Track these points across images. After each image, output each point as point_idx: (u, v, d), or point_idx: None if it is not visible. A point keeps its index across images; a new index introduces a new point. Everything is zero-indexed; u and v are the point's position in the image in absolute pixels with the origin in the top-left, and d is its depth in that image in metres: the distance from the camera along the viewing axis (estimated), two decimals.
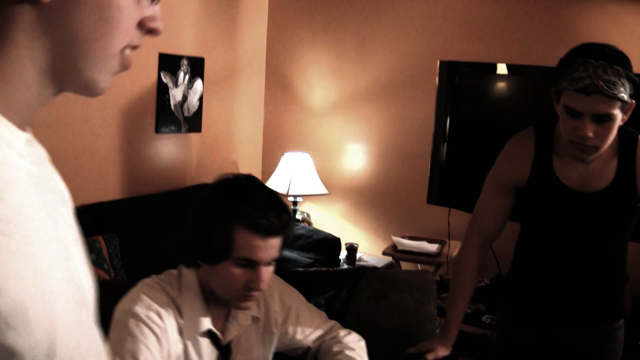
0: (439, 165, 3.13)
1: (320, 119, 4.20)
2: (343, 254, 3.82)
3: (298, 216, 4.06)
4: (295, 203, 3.94)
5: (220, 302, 1.41)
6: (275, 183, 3.86)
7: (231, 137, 4.17)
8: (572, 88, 1.54)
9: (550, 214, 1.77)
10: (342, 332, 1.66)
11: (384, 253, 3.54)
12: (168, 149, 3.68)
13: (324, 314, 1.69)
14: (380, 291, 2.37)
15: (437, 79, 3.10)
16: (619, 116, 1.56)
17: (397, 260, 3.55)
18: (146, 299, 1.33)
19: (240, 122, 4.23)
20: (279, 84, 4.35)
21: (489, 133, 2.97)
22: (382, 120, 3.96)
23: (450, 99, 3.04)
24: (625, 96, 1.52)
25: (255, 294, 1.38)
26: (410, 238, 3.64)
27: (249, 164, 4.26)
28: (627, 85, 1.52)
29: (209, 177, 3.73)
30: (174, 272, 1.44)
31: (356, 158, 4.10)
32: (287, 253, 3.56)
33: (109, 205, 3.17)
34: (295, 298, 1.64)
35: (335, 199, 4.17)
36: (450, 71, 3.00)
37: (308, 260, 3.43)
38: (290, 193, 3.82)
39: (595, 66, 1.50)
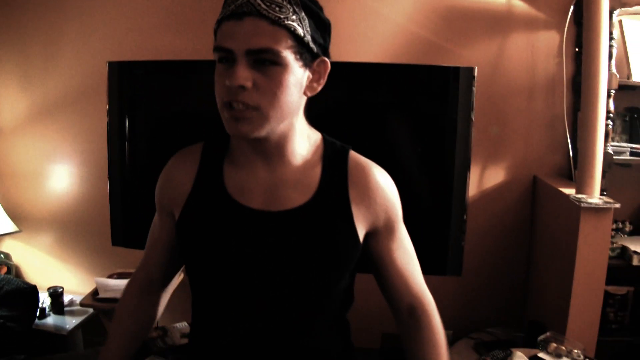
0: (119, 185, 2.58)
1: (13, 140, 3.52)
2: (47, 302, 3.25)
3: None
4: None
5: None
6: None
7: None
8: (222, 17, 1.13)
9: (216, 246, 1.25)
10: None
11: (82, 304, 2.97)
12: None
13: None
14: None
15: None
16: (292, 65, 1.13)
17: (100, 311, 2.98)
18: None
19: None
20: None
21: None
22: (83, 133, 3.39)
23: (128, 102, 2.51)
24: (298, 28, 1.12)
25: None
26: (122, 275, 3.13)
27: None
28: (306, 20, 1.14)
29: None
30: None
31: (60, 182, 3.50)
32: None
33: None
34: None
35: (40, 232, 3.56)
36: (123, 72, 2.49)
37: None
38: None
39: None
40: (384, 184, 1.30)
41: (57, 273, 3.57)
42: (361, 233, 1.28)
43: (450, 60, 2.89)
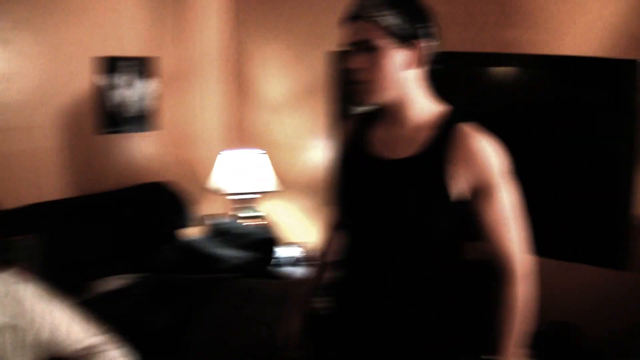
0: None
1: (278, 115, 4.21)
2: (288, 252, 3.87)
3: (252, 214, 4.12)
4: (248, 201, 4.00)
5: None
6: (225, 180, 3.94)
7: (190, 135, 4.22)
8: (343, 21, 1.56)
9: (351, 185, 1.70)
10: (109, 347, 1.73)
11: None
12: (120, 148, 3.75)
13: (94, 328, 1.75)
14: (236, 303, 2.39)
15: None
16: (387, 48, 1.51)
17: None
18: None
19: (200, 119, 4.28)
20: (239, 80, 4.36)
21: None
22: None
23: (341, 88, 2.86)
24: (392, 23, 1.49)
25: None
26: None
27: (209, 161, 4.32)
28: (400, 17, 1.50)
29: (167, 175, 3.91)
30: None
31: (315, 153, 4.06)
32: (220, 251, 3.63)
33: (46, 205, 3.22)
34: (53, 307, 1.71)
35: (297, 195, 4.20)
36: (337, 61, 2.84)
37: (238, 261, 3.46)
38: (239, 191, 3.90)
39: None
40: (481, 149, 1.52)
41: (307, 230, 4.11)
42: (454, 188, 1.52)
43: None
